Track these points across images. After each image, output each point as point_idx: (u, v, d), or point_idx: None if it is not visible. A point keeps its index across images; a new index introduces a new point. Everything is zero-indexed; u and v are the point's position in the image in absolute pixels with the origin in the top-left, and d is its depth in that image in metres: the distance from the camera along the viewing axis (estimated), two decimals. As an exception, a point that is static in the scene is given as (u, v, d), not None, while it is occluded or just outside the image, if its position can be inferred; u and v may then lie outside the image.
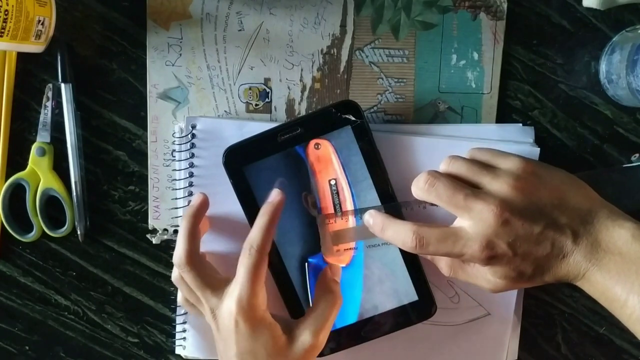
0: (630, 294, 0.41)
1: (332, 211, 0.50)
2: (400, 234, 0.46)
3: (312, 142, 0.50)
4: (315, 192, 0.51)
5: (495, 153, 0.48)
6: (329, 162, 0.50)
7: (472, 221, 0.44)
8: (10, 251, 0.56)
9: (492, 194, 0.44)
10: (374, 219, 0.48)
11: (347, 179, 0.50)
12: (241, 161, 0.50)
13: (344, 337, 0.52)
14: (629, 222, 0.43)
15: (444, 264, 0.48)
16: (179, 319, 0.55)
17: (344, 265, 0.51)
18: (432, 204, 0.47)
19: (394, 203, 0.50)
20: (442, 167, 0.48)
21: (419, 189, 0.46)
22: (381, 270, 0.51)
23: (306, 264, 0.51)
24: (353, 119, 0.50)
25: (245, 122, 0.53)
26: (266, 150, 0.50)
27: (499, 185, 0.44)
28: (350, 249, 0.51)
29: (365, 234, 0.49)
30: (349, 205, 0.50)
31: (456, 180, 0.46)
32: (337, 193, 0.50)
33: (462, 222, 0.44)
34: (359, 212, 0.50)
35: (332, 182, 0.50)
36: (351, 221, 0.50)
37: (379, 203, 0.50)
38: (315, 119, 0.50)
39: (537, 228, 0.43)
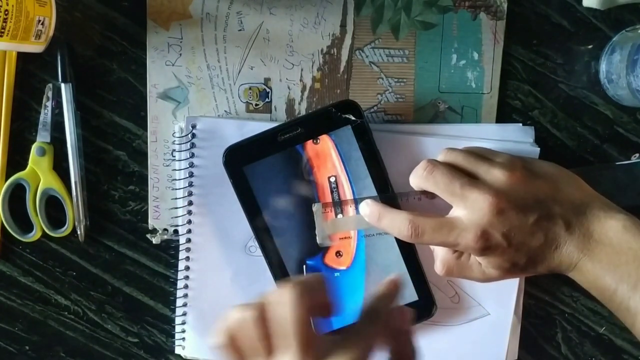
0: (619, 283, 0.42)
1: (332, 213, 0.50)
2: (395, 222, 0.46)
3: (310, 140, 0.50)
4: (314, 188, 0.50)
5: (489, 149, 0.49)
6: (328, 157, 0.50)
7: (468, 210, 0.44)
8: (10, 251, 0.56)
9: (488, 183, 0.44)
10: (370, 208, 0.48)
11: (348, 176, 0.50)
12: (241, 161, 0.50)
13: None
14: (620, 213, 0.44)
15: (438, 262, 0.48)
16: (178, 319, 0.55)
17: (344, 267, 0.51)
18: (427, 196, 0.47)
19: (390, 193, 0.50)
20: (440, 158, 0.48)
21: (418, 176, 0.47)
22: (382, 271, 0.51)
23: (304, 266, 0.51)
24: (353, 118, 0.49)
25: (245, 122, 0.52)
26: (266, 150, 0.50)
27: (494, 176, 0.45)
28: (346, 237, 0.51)
29: (362, 223, 0.49)
30: (349, 202, 0.50)
31: (454, 169, 0.46)
32: (337, 189, 0.50)
33: (458, 212, 0.45)
34: (356, 202, 0.50)
35: (332, 179, 0.50)
36: (348, 211, 0.50)
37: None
38: (315, 119, 0.50)
39: (531, 218, 0.43)
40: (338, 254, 0.51)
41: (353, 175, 0.50)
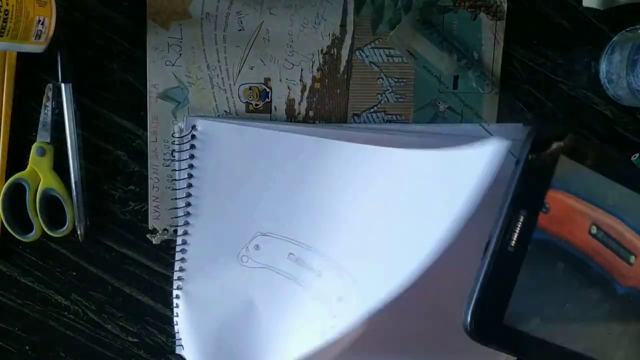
0: None
1: (624, 264, 0.37)
2: None
3: (539, 215, 0.36)
4: (585, 259, 0.37)
5: None
6: (572, 211, 0.37)
7: None
8: (10, 251, 0.56)
9: None
10: None
11: (607, 210, 0.37)
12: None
13: None
14: None
15: None
16: (176, 319, 0.55)
17: None
18: None
19: None
20: None
21: None
22: None
23: None
24: (558, 144, 0.37)
25: (245, 123, 0.52)
26: None
27: None
28: None
29: None
30: (631, 237, 0.38)
31: None
32: (609, 236, 0.37)
33: None
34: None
35: (594, 230, 0.37)
36: None
37: None
38: (524, 185, 0.37)
39: None
40: None
41: (609, 203, 0.37)
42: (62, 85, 0.52)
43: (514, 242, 0.35)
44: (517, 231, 0.35)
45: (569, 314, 0.36)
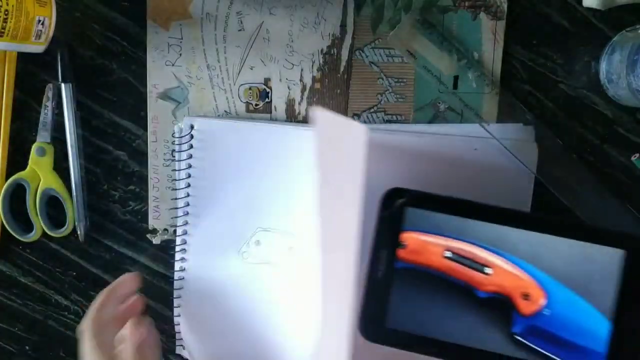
0: None
1: (480, 275, 0.46)
2: None
3: (399, 250, 0.46)
4: (445, 276, 0.46)
5: None
6: (425, 244, 0.46)
7: None
8: (10, 251, 0.56)
9: None
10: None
11: (456, 238, 0.46)
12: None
13: None
14: None
15: None
16: (177, 319, 0.55)
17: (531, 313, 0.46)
18: None
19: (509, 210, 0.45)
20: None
21: None
22: None
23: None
24: (401, 201, 0.46)
25: (244, 123, 0.53)
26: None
27: None
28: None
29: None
30: (483, 254, 0.46)
31: None
32: (461, 257, 0.46)
33: None
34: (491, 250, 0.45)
35: (448, 254, 0.46)
36: (495, 263, 0.45)
37: (503, 228, 0.45)
38: (379, 233, 0.46)
39: None
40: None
41: (461, 234, 0.46)
42: (62, 85, 0.53)
43: (381, 271, 0.45)
44: (382, 264, 0.46)
45: (442, 314, 0.46)
